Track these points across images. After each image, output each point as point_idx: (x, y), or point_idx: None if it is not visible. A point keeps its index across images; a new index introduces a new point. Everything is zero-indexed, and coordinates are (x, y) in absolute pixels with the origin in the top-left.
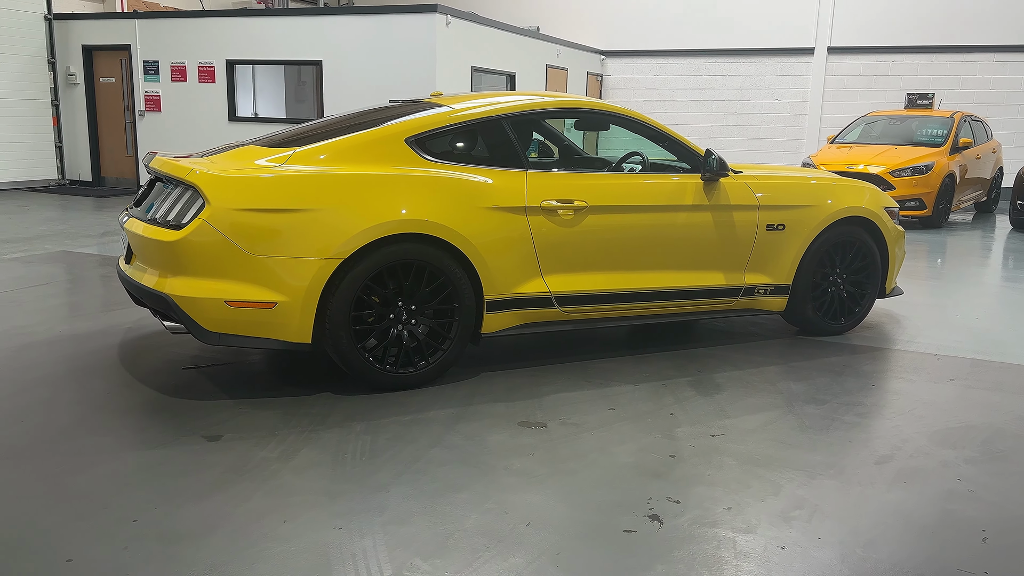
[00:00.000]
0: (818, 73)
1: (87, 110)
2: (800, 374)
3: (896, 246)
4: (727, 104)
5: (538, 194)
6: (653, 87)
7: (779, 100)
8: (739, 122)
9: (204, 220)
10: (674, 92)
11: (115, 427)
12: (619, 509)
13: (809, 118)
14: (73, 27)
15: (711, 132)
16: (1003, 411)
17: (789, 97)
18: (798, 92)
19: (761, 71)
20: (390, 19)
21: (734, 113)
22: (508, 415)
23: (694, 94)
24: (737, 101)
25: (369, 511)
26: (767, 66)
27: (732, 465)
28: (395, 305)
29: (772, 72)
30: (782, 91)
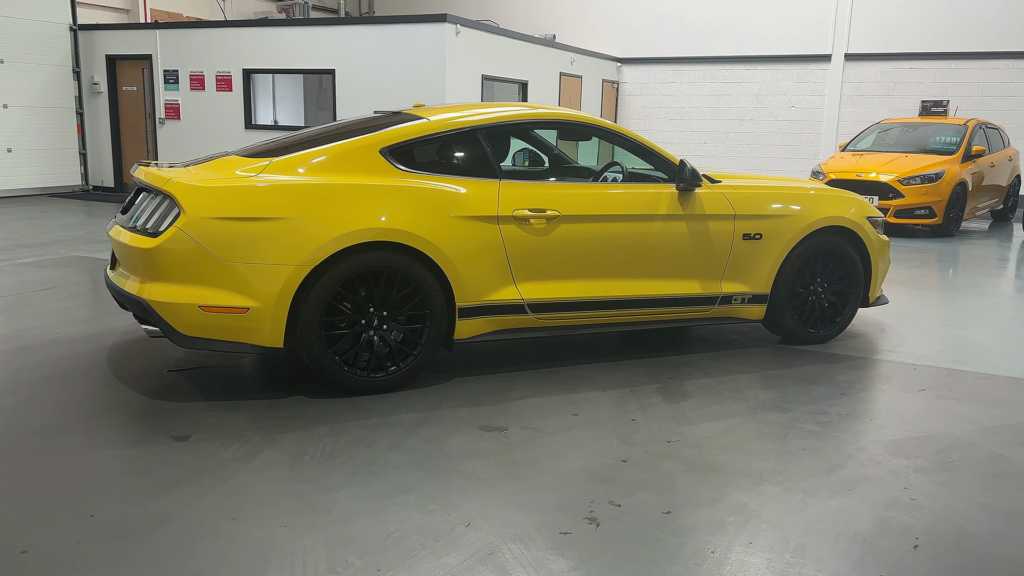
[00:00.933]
0: (835, 80)
1: (110, 118)
2: (771, 382)
3: (879, 256)
4: (743, 111)
5: (510, 203)
6: (669, 94)
7: (796, 107)
8: (755, 129)
9: (179, 228)
10: (690, 99)
11: (90, 427)
12: (560, 512)
13: (826, 125)
14: (97, 37)
15: (727, 139)
16: (967, 421)
17: (806, 104)
18: (815, 99)
19: (778, 78)
20: (401, 29)
21: (750, 120)
22: (471, 420)
23: (710, 101)
24: (753, 108)
25: (316, 510)
26: (784, 73)
27: (680, 471)
28: (366, 311)
29: (789, 79)
30: (799, 98)
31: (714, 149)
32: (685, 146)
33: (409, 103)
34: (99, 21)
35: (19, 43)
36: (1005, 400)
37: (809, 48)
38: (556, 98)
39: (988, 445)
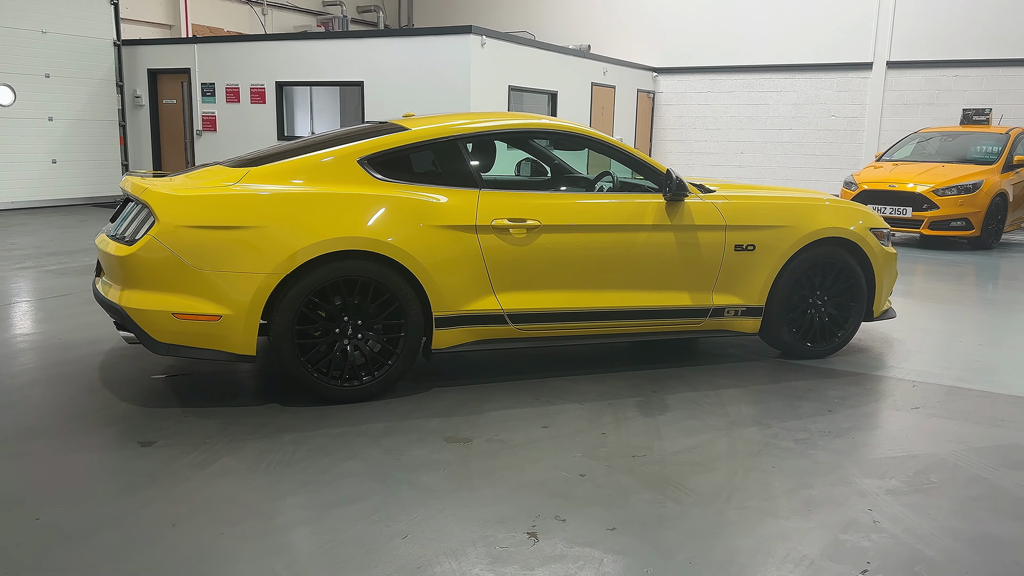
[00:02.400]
0: (877, 88)
1: (151, 130)
2: (757, 397)
3: (884, 269)
4: (782, 121)
5: (489, 213)
6: (706, 103)
7: (836, 116)
8: (794, 139)
9: (153, 236)
10: (727, 109)
11: (64, 431)
12: (502, 526)
13: (867, 135)
14: (139, 52)
15: (765, 149)
16: (955, 441)
17: (846, 113)
18: (856, 108)
19: (817, 87)
20: (427, 41)
21: (789, 130)
22: (439, 431)
23: (748, 110)
24: (792, 118)
25: (258, 518)
26: (823, 82)
27: (637, 487)
28: (340, 320)
29: (829, 88)
30: (839, 107)
31: (751, 159)
32: (722, 156)
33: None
34: (142, 36)
35: (65, 58)
36: (1003, 420)
37: (850, 56)
38: (587, 108)
39: (971, 467)
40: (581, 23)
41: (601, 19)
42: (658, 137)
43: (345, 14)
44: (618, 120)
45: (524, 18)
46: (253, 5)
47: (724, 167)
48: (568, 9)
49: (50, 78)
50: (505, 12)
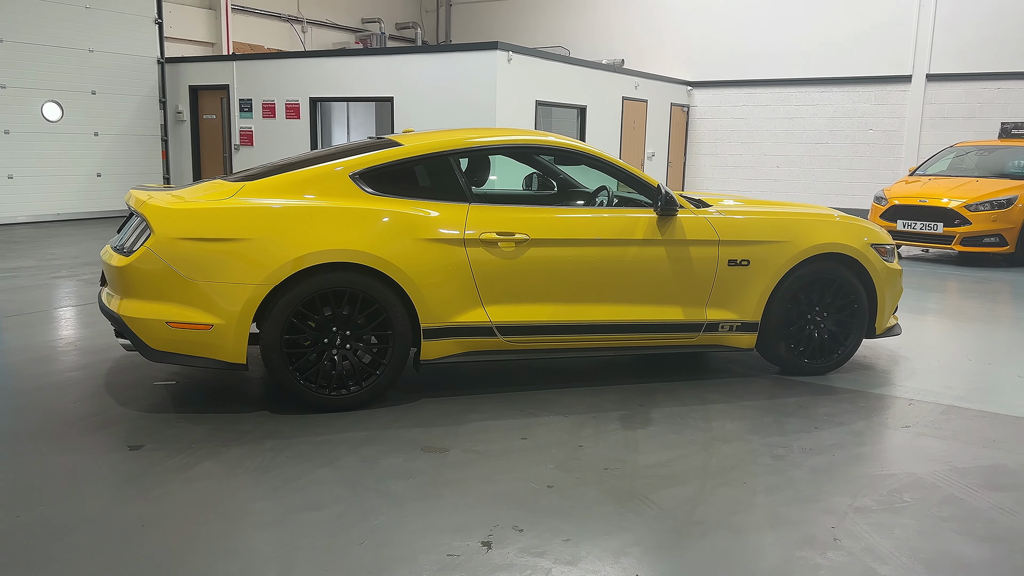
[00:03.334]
0: (916, 101)
1: (191, 144)
2: (744, 413)
3: (887, 285)
4: (818, 134)
5: (478, 226)
6: (741, 117)
7: (873, 130)
8: (830, 153)
9: (148, 247)
10: (763, 122)
11: (59, 434)
12: (458, 534)
13: (906, 148)
14: (182, 69)
15: (801, 163)
16: (939, 461)
17: (884, 127)
18: (894, 122)
19: (854, 100)
20: (454, 57)
21: (825, 144)
22: (418, 440)
23: (783, 124)
24: (829, 131)
25: (225, 521)
26: (861, 95)
27: (601, 500)
28: (329, 330)
29: (866, 101)
30: (877, 120)
31: (787, 173)
32: (757, 170)
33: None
34: (185, 54)
35: (111, 76)
36: (994, 440)
37: (888, 69)
38: (618, 122)
39: (949, 487)
40: (616, 38)
41: (636, 34)
42: (692, 151)
43: (383, 31)
44: (650, 134)
45: (560, 34)
46: (293, 23)
47: (759, 181)
48: (603, 25)
49: (96, 95)
50: (542, 29)
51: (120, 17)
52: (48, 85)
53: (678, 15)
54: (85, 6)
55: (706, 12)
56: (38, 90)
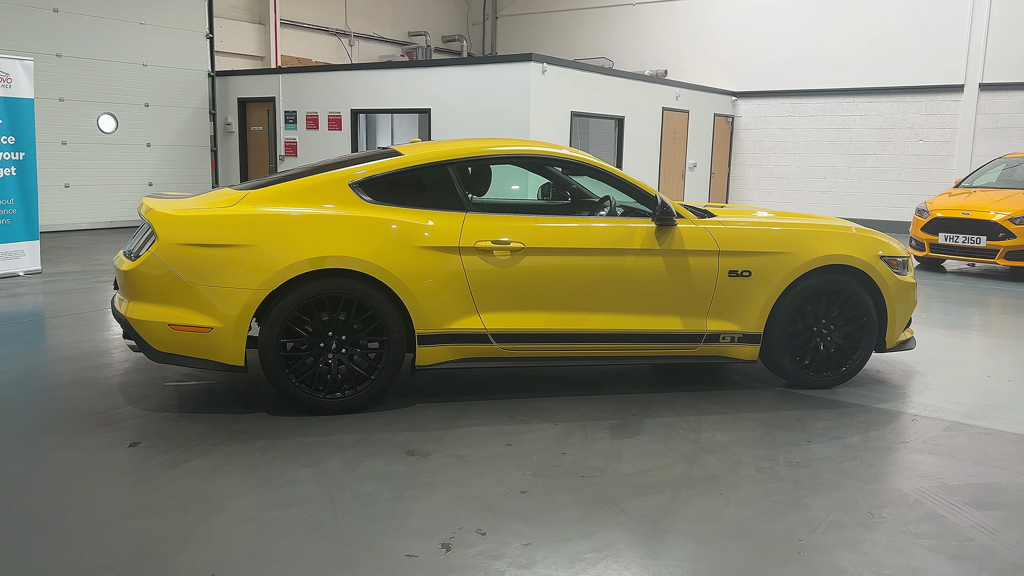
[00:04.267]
0: (968, 112)
1: (239, 155)
2: (738, 425)
3: (898, 298)
4: (866, 145)
5: (473, 235)
6: (787, 127)
7: (924, 141)
8: (879, 164)
9: (152, 252)
10: (809, 133)
11: (70, 429)
12: (422, 536)
13: (958, 160)
14: (231, 82)
15: (848, 175)
16: (929, 477)
17: (935, 138)
18: (945, 132)
19: (904, 110)
20: (489, 69)
21: (873, 155)
22: (404, 444)
23: (830, 135)
24: (877, 142)
25: (200, 516)
26: (911, 105)
27: (572, 505)
28: (325, 335)
29: (916, 111)
30: (927, 131)
31: (833, 184)
32: (803, 181)
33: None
34: (235, 68)
35: (163, 89)
36: (992, 458)
37: (939, 78)
38: (658, 133)
39: (932, 504)
40: (660, 49)
41: (680, 45)
42: (736, 162)
43: (429, 43)
44: (692, 145)
45: (604, 45)
46: (340, 37)
47: (805, 192)
48: (648, 36)
49: (149, 107)
50: (586, 40)
51: (173, 33)
52: (103, 98)
53: (723, 26)
54: (140, 22)
55: (752, 22)
56: (94, 103)
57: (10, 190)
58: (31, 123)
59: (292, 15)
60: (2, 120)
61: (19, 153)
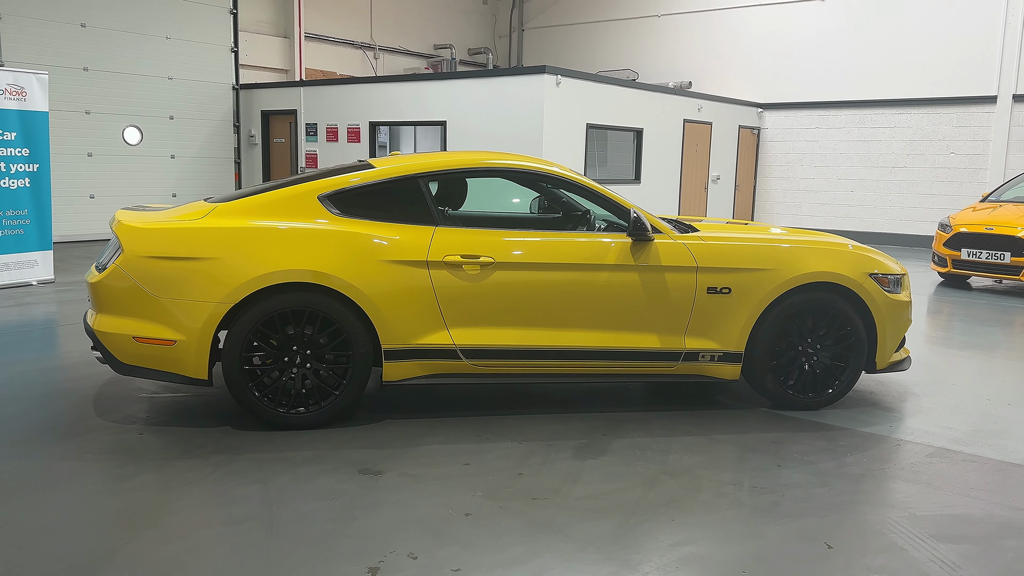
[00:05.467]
0: (1002, 124)
1: (262, 167)
2: (710, 448)
3: (889, 317)
4: (895, 158)
5: (442, 249)
6: (814, 139)
7: (955, 154)
8: (908, 177)
9: (117, 265)
10: (836, 145)
11: (29, 441)
12: (352, 559)
13: (990, 173)
14: (255, 95)
15: (876, 188)
16: (897, 507)
17: (967, 150)
18: (977, 145)
19: (935, 122)
20: (503, 81)
21: (903, 168)
22: (360, 462)
23: (858, 147)
24: (907, 155)
25: (133, 531)
26: (941, 117)
27: (516, 529)
28: (289, 349)
29: (947, 123)
30: (959, 144)
31: (862, 198)
32: (830, 194)
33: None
34: (260, 81)
35: (188, 102)
36: (972, 487)
37: (971, 89)
38: (679, 145)
39: (895, 535)
40: (685, 61)
41: (705, 57)
42: (763, 174)
43: (454, 56)
44: (715, 157)
45: (629, 57)
46: (365, 50)
47: (832, 206)
48: (672, 48)
49: (174, 119)
50: (611, 52)
51: (199, 47)
52: (129, 111)
53: (749, 37)
54: (166, 36)
55: (779, 33)
56: (120, 115)
57: (24, 201)
58: (46, 136)
59: (317, 29)
60: (17, 133)
61: (33, 165)
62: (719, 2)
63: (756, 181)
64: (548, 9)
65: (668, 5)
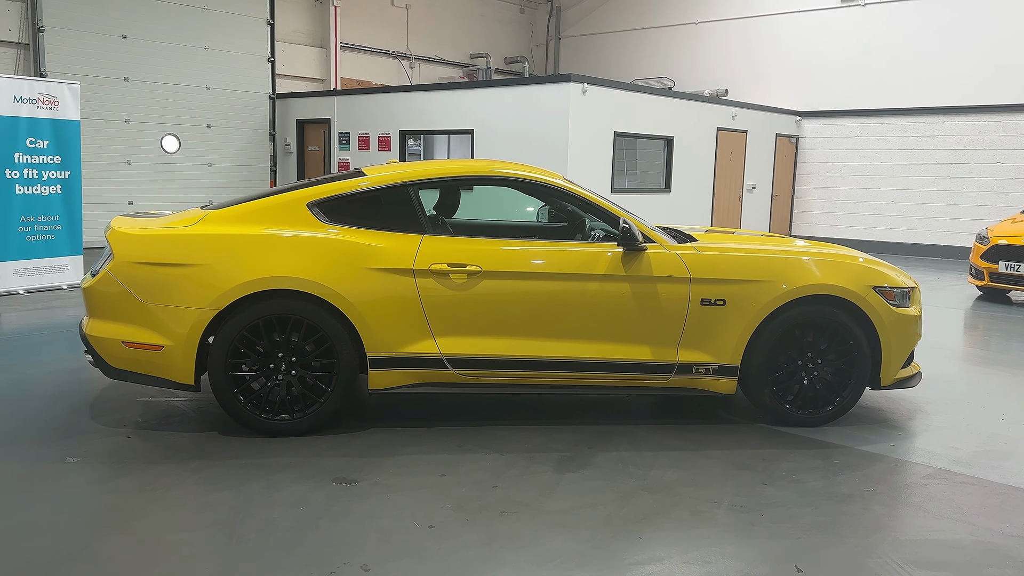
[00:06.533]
0: None
1: (297, 175)
2: (696, 463)
3: (894, 332)
4: (939, 167)
5: (429, 257)
6: (854, 148)
7: (1002, 163)
8: (953, 187)
9: (108, 271)
10: (877, 154)
11: (19, 443)
12: (303, 568)
13: None
14: (290, 104)
15: (919, 198)
16: (880, 531)
17: (1015, 159)
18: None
19: (980, 131)
20: (529, 90)
21: (947, 177)
22: (336, 470)
23: (900, 156)
24: (951, 164)
25: (94, 536)
26: (988, 125)
27: (476, 542)
28: (274, 356)
29: (994, 132)
30: (1006, 152)
31: (903, 208)
32: (871, 204)
33: (537, 161)
34: (296, 90)
35: (226, 111)
36: (963, 511)
37: (1018, 96)
38: (712, 154)
39: (873, 561)
40: (721, 68)
41: (742, 64)
42: (801, 183)
43: (490, 65)
44: (750, 166)
45: (666, 65)
46: (401, 60)
47: (872, 216)
48: (709, 56)
49: (211, 128)
50: (647, 60)
51: (236, 57)
52: (167, 119)
53: (787, 44)
54: (204, 47)
55: (818, 40)
56: (158, 124)
57: (56, 207)
58: (77, 144)
59: (353, 39)
60: (49, 141)
61: (65, 172)
62: (757, 9)
63: (794, 191)
64: (585, 18)
65: (705, 12)
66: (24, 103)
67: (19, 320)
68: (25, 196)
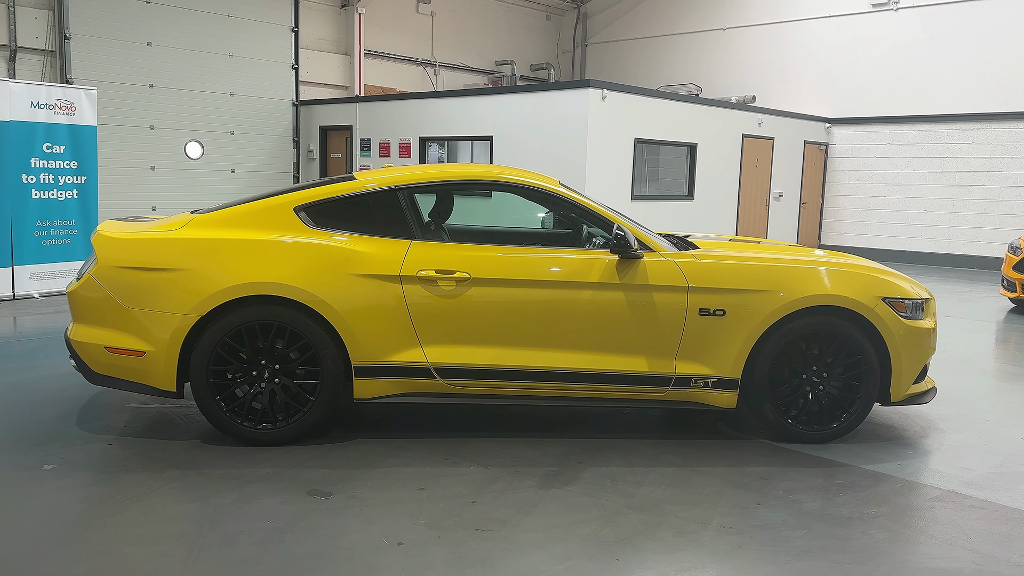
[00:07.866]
0: None
1: None
2: (689, 480)
3: (905, 345)
4: (973, 176)
5: (416, 264)
6: (885, 156)
7: None
8: (988, 196)
9: (91, 275)
10: (909, 162)
11: (7, 448)
12: None
13: None
14: (314, 111)
15: (952, 207)
16: (879, 557)
17: None
18: None
19: (1016, 138)
20: (549, 96)
21: (981, 186)
22: (312, 482)
23: (933, 164)
24: (986, 172)
25: (50, 547)
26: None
27: (442, 562)
28: (257, 363)
29: None
30: None
31: (936, 218)
32: (902, 213)
33: (554, 166)
34: (320, 97)
35: (250, 118)
36: (969, 537)
37: None
38: (737, 160)
39: None
40: (749, 75)
41: (770, 70)
42: (831, 191)
43: (515, 72)
44: (777, 173)
45: (693, 72)
46: (425, 67)
47: (904, 225)
48: (737, 62)
49: (235, 135)
50: (675, 67)
51: (260, 64)
52: (191, 126)
53: (817, 50)
54: (228, 54)
55: (848, 46)
56: (182, 130)
57: (72, 212)
58: (94, 149)
59: (377, 46)
60: (66, 146)
61: (81, 177)
62: (787, 14)
63: (823, 199)
64: (612, 24)
65: (734, 18)
66: (41, 108)
67: (31, 324)
68: (41, 201)
